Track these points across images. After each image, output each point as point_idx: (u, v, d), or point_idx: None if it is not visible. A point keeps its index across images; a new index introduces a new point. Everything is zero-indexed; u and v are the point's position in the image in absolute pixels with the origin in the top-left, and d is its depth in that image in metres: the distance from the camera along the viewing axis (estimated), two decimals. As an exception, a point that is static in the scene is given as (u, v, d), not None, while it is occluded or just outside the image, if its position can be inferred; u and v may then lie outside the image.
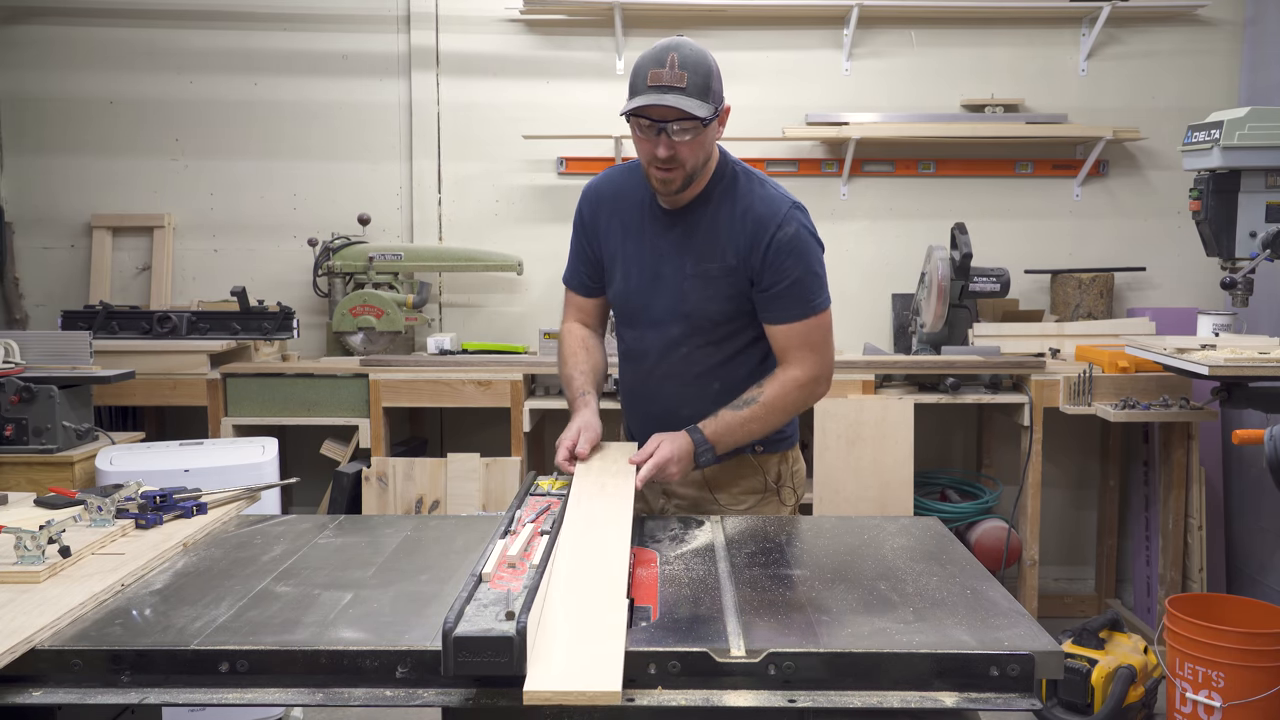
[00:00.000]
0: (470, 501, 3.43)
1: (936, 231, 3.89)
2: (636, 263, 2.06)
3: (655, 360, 2.08)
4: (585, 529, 1.62)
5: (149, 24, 4.03)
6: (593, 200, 2.14)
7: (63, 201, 4.07)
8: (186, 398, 3.49)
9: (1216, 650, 2.74)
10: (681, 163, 1.91)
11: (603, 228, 2.10)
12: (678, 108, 1.84)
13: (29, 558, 1.53)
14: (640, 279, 2.05)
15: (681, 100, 1.84)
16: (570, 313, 2.22)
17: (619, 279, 2.09)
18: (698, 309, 2.02)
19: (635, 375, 2.14)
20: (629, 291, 2.08)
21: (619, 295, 2.11)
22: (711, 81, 1.89)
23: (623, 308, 2.12)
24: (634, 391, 2.17)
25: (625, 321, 2.14)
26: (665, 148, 1.89)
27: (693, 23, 4.00)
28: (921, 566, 1.65)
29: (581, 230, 2.15)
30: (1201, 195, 2.85)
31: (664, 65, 1.85)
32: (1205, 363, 2.69)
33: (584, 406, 2.05)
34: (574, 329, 2.20)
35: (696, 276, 2.00)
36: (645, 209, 2.06)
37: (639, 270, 2.06)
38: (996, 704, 1.26)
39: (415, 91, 4.02)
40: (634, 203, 2.07)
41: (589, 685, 1.17)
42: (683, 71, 1.85)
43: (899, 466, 3.37)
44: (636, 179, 2.07)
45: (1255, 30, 3.94)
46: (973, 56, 4.04)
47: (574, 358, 2.14)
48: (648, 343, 2.08)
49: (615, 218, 2.09)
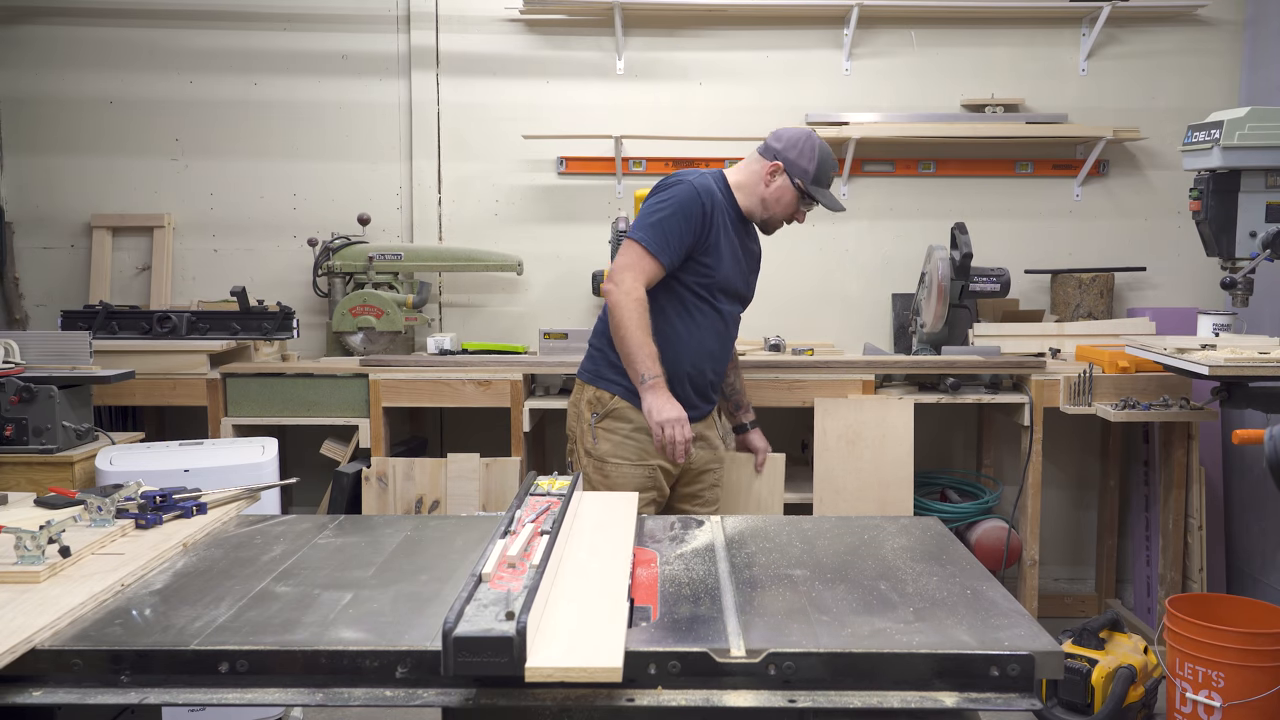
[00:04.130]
0: (470, 501, 3.43)
1: (936, 231, 3.89)
2: (732, 253, 2.68)
3: (730, 325, 2.78)
4: (586, 530, 1.62)
5: (149, 24, 4.03)
6: (712, 199, 2.62)
7: (63, 201, 4.07)
8: (186, 398, 3.49)
9: (1216, 650, 2.74)
10: None
11: (717, 221, 2.62)
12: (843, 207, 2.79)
13: (29, 558, 1.53)
14: (736, 266, 2.70)
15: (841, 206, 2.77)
16: (641, 278, 2.55)
17: (726, 262, 2.66)
18: (753, 291, 2.85)
19: (714, 337, 2.72)
20: (730, 274, 2.68)
21: (724, 275, 2.66)
22: None
23: (723, 285, 2.68)
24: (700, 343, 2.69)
25: (715, 296, 2.67)
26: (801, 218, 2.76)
27: (693, 23, 4.00)
28: (921, 566, 1.65)
29: (701, 225, 2.59)
30: (1201, 195, 2.85)
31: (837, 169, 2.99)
32: (1205, 363, 2.69)
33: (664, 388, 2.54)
34: (645, 299, 2.55)
35: (753, 269, 2.82)
36: (731, 213, 2.69)
37: (734, 259, 2.69)
38: (996, 704, 1.26)
39: (415, 91, 4.02)
40: (726, 210, 2.67)
41: (590, 662, 1.19)
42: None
43: (899, 466, 3.37)
44: (724, 192, 2.69)
45: (1255, 30, 3.94)
46: (973, 56, 4.04)
47: (647, 329, 2.54)
48: (728, 315, 2.74)
49: (722, 217, 2.64)
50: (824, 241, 4.06)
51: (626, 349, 2.54)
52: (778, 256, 3.55)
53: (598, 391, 2.70)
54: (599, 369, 2.71)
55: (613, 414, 2.67)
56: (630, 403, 2.64)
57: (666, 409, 2.52)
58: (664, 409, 2.51)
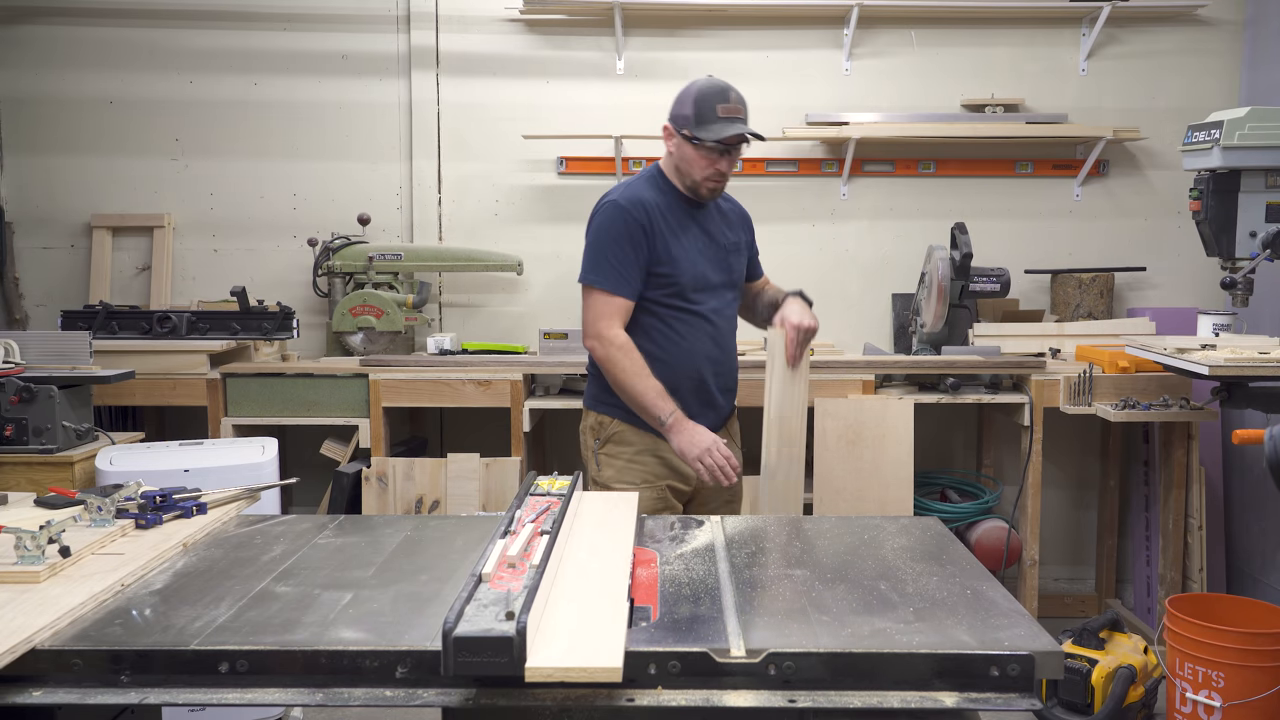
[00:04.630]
0: (470, 501, 3.43)
1: (936, 231, 3.89)
2: (693, 246, 2.51)
3: (719, 323, 2.57)
4: (586, 530, 1.62)
5: (149, 24, 4.03)
6: (645, 210, 2.46)
7: (63, 201, 4.07)
8: (186, 398, 3.49)
9: (1216, 650, 2.74)
10: (727, 174, 2.47)
11: (658, 226, 2.46)
12: (754, 133, 2.40)
13: (29, 558, 1.53)
14: (702, 257, 2.52)
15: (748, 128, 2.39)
16: (616, 321, 2.46)
17: (686, 260, 2.48)
18: (738, 274, 2.64)
19: (699, 338, 2.53)
20: (697, 269, 2.50)
21: (690, 279, 2.49)
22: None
23: (693, 284, 2.50)
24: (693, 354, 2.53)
25: (688, 299, 2.50)
26: (728, 164, 2.44)
27: (693, 23, 4.00)
28: (921, 566, 1.65)
29: (642, 239, 2.44)
30: (1201, 195, 2.85)
31: (728, 99, 2.38)
32: (1205, 363, 2.69)
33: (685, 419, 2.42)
34: (629, 342, 2.45)
35: (731, 250, 2.60)
36: (678, 206, 2.51)
37: (697, 251, 2.51)
38: (996, 704, 1.26)
39: (415, 91, 4.02)
40: (670, 206, 2.50)
41: (590, 662, 1.20)
42: (740, 105, 2.41)
43: (899, 466, 3.37)
44: (658, 185, 2.52)
45: (1255, 30, 3.94)
46: (973, 56, 4.04)
47: (645, 370, 2.43)
48: (712, 311, 2.54)
49: (664, 219, 2.47)
50: (824, 241, 4.06)
51: (632, 398, 2.44)
52: (778, 257, 3.55)
53: (598, 416, 2.60)
54: (597, 393, 2.61)
55: (613, 439, 2.56)
56: (631, 424, 2.53)
57: (696, 442, 2.39)
58: (694, 443, 2.39)
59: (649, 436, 2.51)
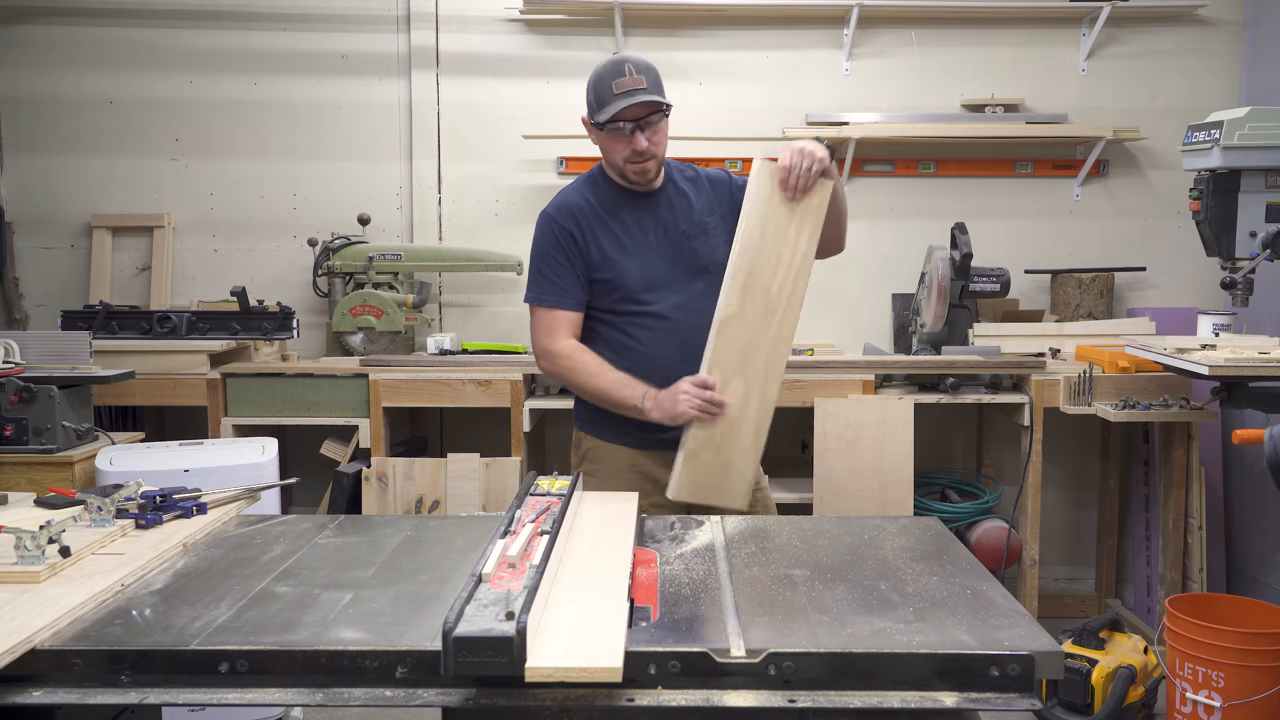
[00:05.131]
0: (470, 501, 3.43)
1: (936, 231, 3.89)
2: (640, 245, 2.28)
3: (684, 320, 2.27)
4: (586, 530, 1.62)
5: (149, 24, 4.03)
6: (573, 215, 2.28)
7: (63, 201, 4.07)
8: (186, 398, 3.49)
9: (1216, 650, 2.74)
10: (654, 152, 2.22)
11: (590, 236, 2.27)
12: (653, 100, 2.15)
13: (29, 558, 1.53)
14: (652, 256, 2.28)
15: (650, 95, 2.15)
16: (562, 334, 2.28)
17: (632, 265, 2.26)
18: (712, 259, 2.29)
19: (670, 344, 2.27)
20: (646, 271, 2.27)
21: (637, 278, 2.26)
22: (660, 80, 2.21)
23: (641, 286, 2.27)
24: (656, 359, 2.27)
25: (639, 301, 2.27)
26: (645, 139, 2.18)
27: (693, 23, 4.00)
28: (921, 566, 1.65)
29: (573, 247, 2.26)
30: (1201, 195, 2.85)
31: (623, 74, 2.17)
32: (1205, 363, 2.69)
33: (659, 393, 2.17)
34: (577, 346, 2.28)
35: (694, 234, 2.30)
36: (622, 203, 2.30)
37: (646, 249, 2.28)
38: (996, 704, 1.26)
39: (415, 91, 4.02)
40: (604, 205, 2.30)
41: (590, 662, 1.20)
42: (640, 76, 2.17)
43: (899, 466, 3.37)
44: (599, 186, 2.33)
45: (1255, 30, 3.94)
46: (973, 56, 4.04)
47: (602, 367, 2.24)
48: (673, 308, 2.27)
49: (598, 222, 2.28)
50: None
51: (601, 398, 2.24)
52: (778, 256, 3.54)
53: (577, 433, 2.42)
54: (576, 408, 2.43)
55: (588, 456, 2.37)
56: (604, 439, 2.34)
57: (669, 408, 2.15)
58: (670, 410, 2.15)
59: (625, 451, 2.32)
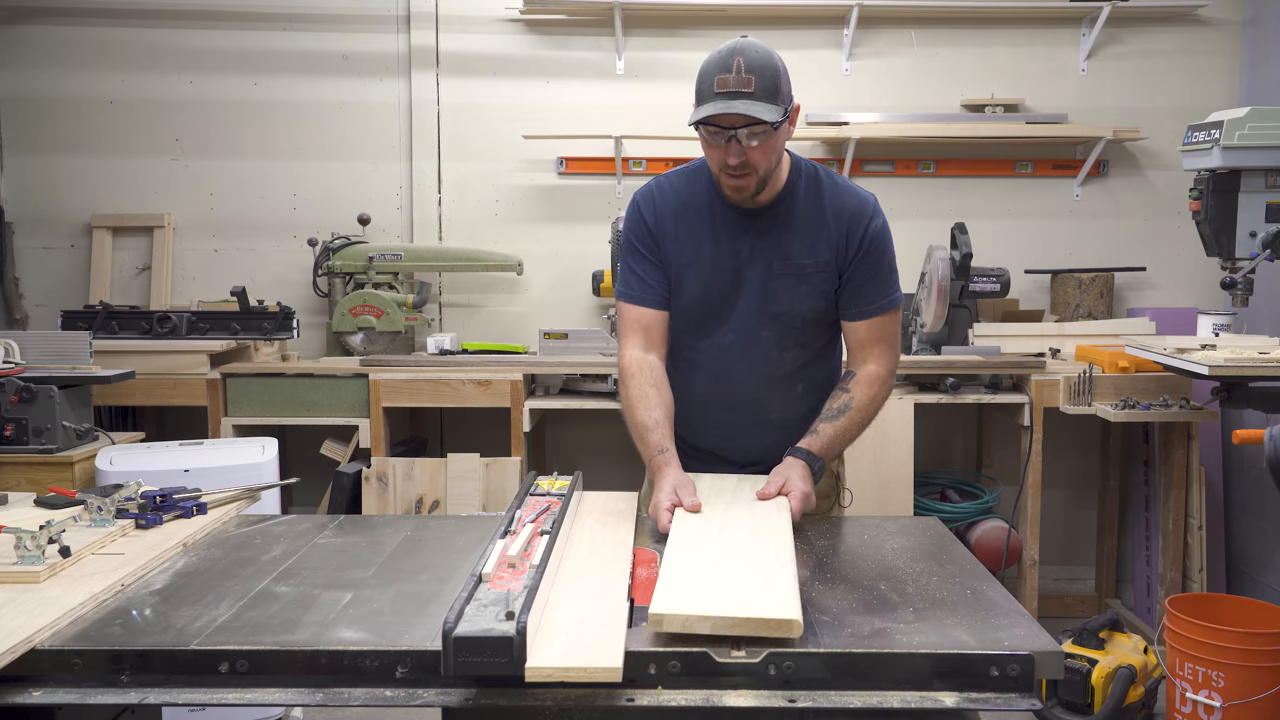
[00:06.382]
0: (470, 501, 3.43)
1: (936, 231, 3.89)
2: (714, 266, 1.96)
3: (740, 366, 2.00)
4: (586, 530, 1.62)
5: (149, 24, 4.03)
6: (652, 206, 2.00)
7: (63, 201, 4.07)
8: (186, 398, 3.49)
9: (1216, 650, 2.74)
10: (754, 168, 1.86)
11: (669, 234, 1.98)
12: (746, 114, 1.78)
13: (29, 558, 1.53)
14: (721, 282, 1.97)
15: (750, 106, 1.77)
16: (634, 338, 1.99)
17: (693, 285, 1.97)
18: (790, 308, 1.97)
19: (712, 384, 2.02)
20: (709, 297, 1.97)
21: (695, 301, 1.98)
22: (780, 83, 1.82)
23: (699, 314, 2.00)
24: (708, 401, 2.03)
25: (697, 330, 2.01)
26: (735, 155, 1.83)
27: (692, 23, 4.00)
28: (921, 566, 1.65)
29: (646, 238, 1.99)
30: (1201, 195, 2.85)
31: (730, 70, 1.79)
32: (1205, 363, 2.69)
33: (667, 465, 1.86)
34: (640, 360, 1.97)
35: (788, 275, 1.95)
36: (715, 211, 1.97)
37: (718, 273, 1.96)
38: (996, 704, 1.26)
39: (415, 91, 4.02)
40: (699, 207, 1.98)
41: (590, 662, 1.19)
42: (749, 76, 1.79)
43: (899, 466, 3.37)
44: (700, 183, 2.00)
45: (1255, 30, 3.94)
46: (973, 56, 4.04)
47: (645, 400, 1.93)
48: (729, 349, 1.99)
49: (680, 223, 1.98)
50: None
51: (631, 429, 1.97)
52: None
53: None
54: None
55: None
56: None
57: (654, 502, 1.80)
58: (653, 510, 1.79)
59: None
